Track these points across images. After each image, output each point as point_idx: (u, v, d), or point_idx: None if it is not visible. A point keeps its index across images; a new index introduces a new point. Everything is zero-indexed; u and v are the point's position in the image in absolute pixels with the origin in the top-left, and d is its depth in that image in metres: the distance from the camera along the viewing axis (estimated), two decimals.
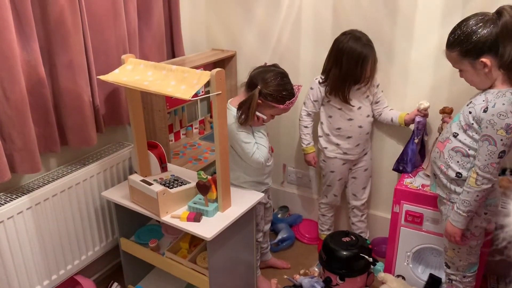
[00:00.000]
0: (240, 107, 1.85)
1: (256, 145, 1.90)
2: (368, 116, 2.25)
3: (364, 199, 2.47)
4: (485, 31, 1.50)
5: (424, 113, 2.13)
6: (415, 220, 2.06)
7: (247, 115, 1.83)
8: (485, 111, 1.53)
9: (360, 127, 2.24)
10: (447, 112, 2.06)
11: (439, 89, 2.17)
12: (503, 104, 1.49)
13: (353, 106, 2.19)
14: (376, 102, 2.27)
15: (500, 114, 1.49)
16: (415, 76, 2.22)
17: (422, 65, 2.18)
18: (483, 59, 1.53)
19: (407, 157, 2.19)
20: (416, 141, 2.15)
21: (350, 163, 2.36)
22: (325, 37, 2.32)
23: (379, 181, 2.51)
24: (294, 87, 1.89)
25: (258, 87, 1.81)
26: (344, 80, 2.11)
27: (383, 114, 2.28)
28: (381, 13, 2.19)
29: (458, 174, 1.65)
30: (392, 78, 2.27)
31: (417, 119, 2.13)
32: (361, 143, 2.29)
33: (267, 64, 1.93)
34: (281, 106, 1.85)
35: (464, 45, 1.55)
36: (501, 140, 1.51)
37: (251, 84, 1.85)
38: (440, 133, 1.91)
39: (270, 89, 1.82)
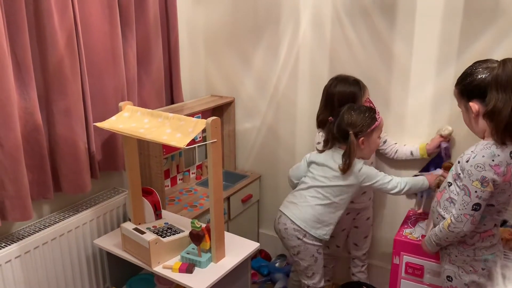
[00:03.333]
0: (344, 156, 1.92)
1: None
2: (371, 163, 2.24)
3: (365, 248, 2.41)
4: (480, 76, 1.52)
5: (449, 138, 2.11)
6: (416, 272, 1.99)
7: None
8: (467, 161, 1.54)
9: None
10: (446, 168, 2.04)
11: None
12: (483, 156, 1.50)
13: None
14: (384, 142, 2.26)
15: (478, 166, 1.50)
16: (412, 125, 2.22)
17: (419, 114, 2.19)
18: (471, 103, 1.54)
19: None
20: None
21: (354, 213, 2.32)
22: (322, 86, 2.33)
23: (379, 230, 2.46)
24: (365, 104, 2.02)
25: (350, 132, 1.88)
26: None
27: (399, 151, 2.25)
28: (377, 62, 2.22)
29: None
30: (389, 126, 2.27)
31: (443, 145, 2.10)
32: (368, 191, 2.26)
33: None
34: (377, 123, 1.93)
35: (461, 84, 1.58)
36: (476, 192, 1.50)
37: (343, 135, 1.92)
38: (435, 190, 1.93)
39: (360, 125, 1.90)
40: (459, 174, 1.58)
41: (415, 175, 2.13)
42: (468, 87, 1.55)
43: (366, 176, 1.94)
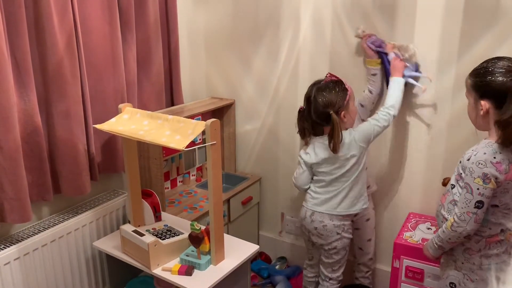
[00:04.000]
0: (330, 136, 1.91)
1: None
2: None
3: (370, 253, 2.39)
4: (501, 79, 1.46)
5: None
6: (416, 276, 1.99)
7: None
8: (469, 159, 1.53)
9: None
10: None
11: (436, 139, 2.16)
12: (484, 153, 1.49)
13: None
14: (362, 106, 2.21)
15: (479, 163, 1.49)
16: (412, 126, 2.21)
17: (420, 117, 2.18)
18: (483, 102, 1.51)
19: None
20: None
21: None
22: None
23: (379, 233, 2.45)
24: (328, 80, 1.94)
25: (331, 112, 1.87)
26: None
27: (368, 96, 2.19)
28: None
29: None
30: (390, 128, 2.26)
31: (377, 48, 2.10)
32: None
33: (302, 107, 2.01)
34: (349, 92, 1.92)
35: (478, 79, 1.52)
36: (478, 189, 1.49)
37: (325, 118, 1.90)
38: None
39: (337, 102, 1.88)
40: (461, 174, 1.57)
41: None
42: (486, 86, 1.49)
43: (364, 137, 1.94)
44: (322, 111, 1.89)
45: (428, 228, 2.12)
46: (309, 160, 2.01)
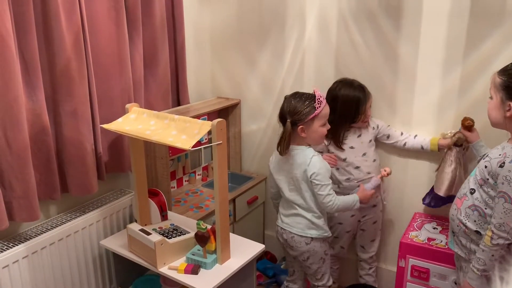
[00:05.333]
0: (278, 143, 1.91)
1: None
2: (374, 160, 2.23)
3: (372, 252, 2.41)
4: None
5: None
6: (422, 275, 1.99)
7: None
8: (501, 166, 1.46)
9: (369, 173, 2.19)
10: (463, 120, 1.98)
11: None
12: None
13: (344, 149, 2.19)
14: (388, 137, 2.24)
15: None
16: (418, 127, 2.21)
17: (425, 117, 2.18)
18: None
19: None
20: None
21: (359, 215, 2.31)
22: (327, 88, 2.34)
23: (385, 233, 2.45)
24: (312, 94, 1.90)
25: (288, 120, 1.86)
26: (339, 124, 2.13)
27: (408, 143, 2.21)
28: (383, 65, 2.22)
29: (477, 234, 1.58)
30: (395, 129, 2.26)
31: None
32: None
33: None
34: (317, 112, 1.85)
35: (511, 79, 1.48)
36: None
37: (282, 122, 1.91)
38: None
39: (297, 114, 1.85)
40: (487, 179, 1.52)
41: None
42: None
43: (316, 171, 1.86)
44: (282, 116, 1.90)
45: (434, 228, 2.12)
46: (270, 163, 2.06)
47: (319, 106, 1.86)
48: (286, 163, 1.95)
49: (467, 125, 1.95)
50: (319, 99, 1.87)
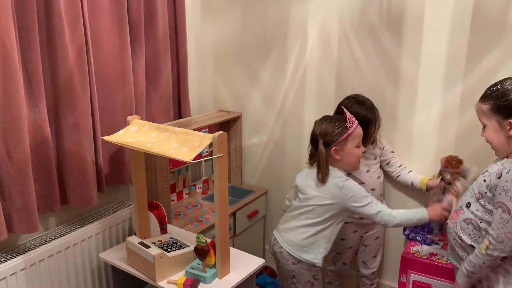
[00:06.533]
0: (318, 166, 1.87)
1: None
2: (378, 177, 2.22)
3: (374, 268, 2.38)
4: None
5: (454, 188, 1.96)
6: None
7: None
8: (499, 177, 1.48)
9: (373, 189, 2.18)
10: (449, 162, 1.92)
11: (443, 155, 2.13)
12: None
13: (361, 170, 2.16)
14: (387, 163, 2.24)
15: None
16: (419, 143, 2.22)
17: (426, 132, 2.18)
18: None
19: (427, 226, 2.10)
20: None
21: (362, 231, 2.30)
22: (328, 102, 2.36)
23: (387, 248, 2.43)
24: (344, 116, 1.87)
25: (320, 141, 1.83)
26: None
27: (401, 176, 2.22)
28: (384, 79, 2.23)
29: (471, 248, 1.57)
30: (395, 143, 2.26)
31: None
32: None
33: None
34: (349, 131, 1.82)
35: (499, 100, 1.50)
36: None
37: (315, 145, 1.88)
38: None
39: (329, 135, 1.83)
40: (485, 192, 1.53)
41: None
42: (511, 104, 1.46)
43: (353, 195, 1.82)
44: (314, 138, 1.88)
45: (436, 243, 2.10)
46: (297, 181, 2.01)
47: (351, 126, 1.83)
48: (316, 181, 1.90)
49: (457, 165, 1.91)
50: (350, 119, 1.85)
